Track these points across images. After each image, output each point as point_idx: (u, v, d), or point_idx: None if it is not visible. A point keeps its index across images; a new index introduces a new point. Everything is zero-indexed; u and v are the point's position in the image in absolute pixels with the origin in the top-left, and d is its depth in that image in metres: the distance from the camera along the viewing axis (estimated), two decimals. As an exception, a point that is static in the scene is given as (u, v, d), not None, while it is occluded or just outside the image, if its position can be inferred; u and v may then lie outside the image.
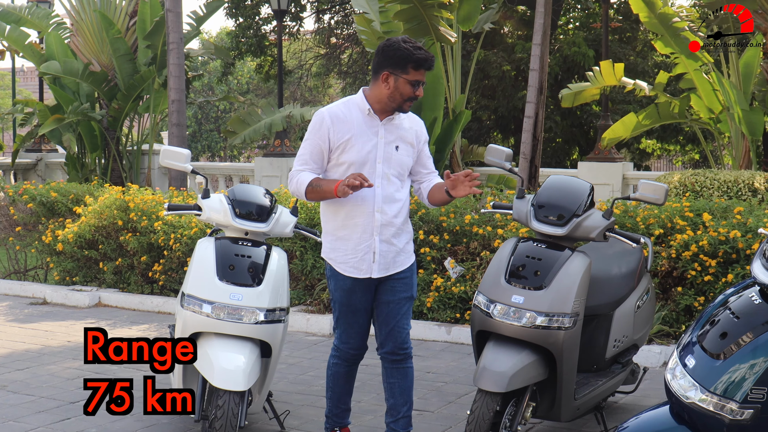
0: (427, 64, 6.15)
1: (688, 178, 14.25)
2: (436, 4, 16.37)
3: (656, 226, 10.08)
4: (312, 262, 11.35)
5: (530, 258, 6.46)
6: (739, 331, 4.58)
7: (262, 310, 6.59)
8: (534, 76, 14.51)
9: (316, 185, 6.19)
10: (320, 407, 7.98)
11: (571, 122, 27.99)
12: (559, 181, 6.90)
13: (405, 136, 6.41)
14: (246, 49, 30.79)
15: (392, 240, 6.37)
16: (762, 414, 4.46)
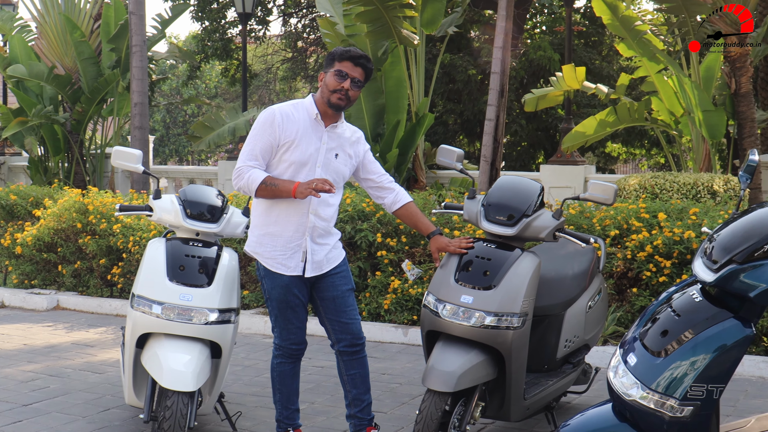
0: (348, 55, 6.35)
1: (647, 180, 14.32)
2: (399, 6, 16.36)
3: (612, 227, 10.15)
4: (270, 264, 11.33)
5: (480, 258, 6.47)
6: (680, 328, 4.61)
7: (213, 310, 6.59)
8: (495, 79, 14.55)
9: (270, 183, 6.22)
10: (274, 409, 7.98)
11: (536, 126, 28.07)
12: (510, 182, 6.92)
13: (345, 146, 6.56)
14: (212, 53, 30.71)
15: (320, 240, 6.50)
16: (701, 411, 4.50)
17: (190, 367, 6.40)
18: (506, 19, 14.60)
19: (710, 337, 4.52)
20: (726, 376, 4.55)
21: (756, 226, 4.70)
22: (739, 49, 15.55)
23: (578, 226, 10.21)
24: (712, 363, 4.49)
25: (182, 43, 53.83)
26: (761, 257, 4.58)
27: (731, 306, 4.62)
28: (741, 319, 4.55)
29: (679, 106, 16.74)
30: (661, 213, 10.17)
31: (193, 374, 6.37)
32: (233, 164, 20.26)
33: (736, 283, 4.56)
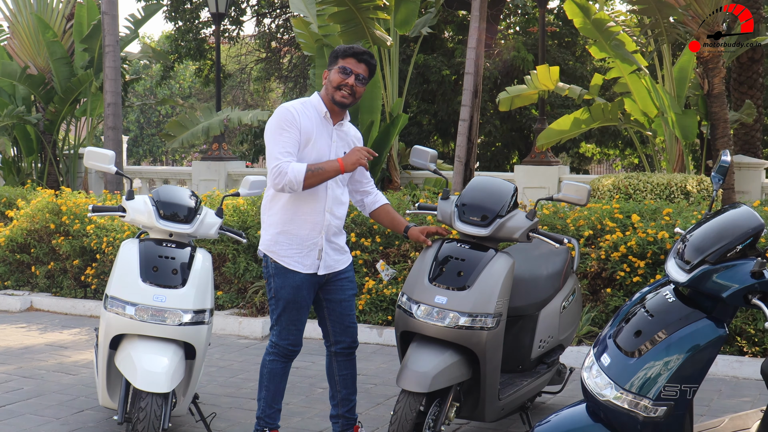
0: (351, 51, 6.38)
1: (621, 181, 14.37)
2: (372, 7, 16.35)
3: (586, 227, 10.17)
4: (245, 265, 11.33)
5: (454, 259, 6.47)
6: (653, 329, 4.64)
7: (186, 311, 6.56)
8: (469, 79, 14.54)
9: (316, 169, 6.20)
10: (248, 409, 8.00)
11: (510, 126, 28.13)
12: (483, 182, 6.92)
13: (350, 145, 6.61)
14: (185, 53, 30.64)
15: (333, 239, 6.55)
16: (675, 411, 4.53)
17: (164, 369, 6.37)
18: (479, 20, 14.58)
19: (683, 337, 4.55)
20: (699, 376, 4.57)
21: (728, 226, 4.73)
22: (712, 50, 15.59)
23: (552, 227, 10.23)
24: (685, 363, 4.51)
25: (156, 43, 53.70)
26: (734, 258, 4.61)
27: (704, 306, 4.65)
28: (714, 320, 4.58)
29: (653, 106, 16.79)
30: (635, 214, 10.20)
31: (167, 375, 6.34)
32: (207, 165, 20.30)
33: (708, 283, 4.60)
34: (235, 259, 11.44)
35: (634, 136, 18.86)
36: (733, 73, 22.09)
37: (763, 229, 4.66)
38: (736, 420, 5.56)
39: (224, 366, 9.56)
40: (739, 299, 4.54)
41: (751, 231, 4.65)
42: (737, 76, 22.04)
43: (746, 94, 21.56)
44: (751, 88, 21.75)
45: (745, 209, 4.82)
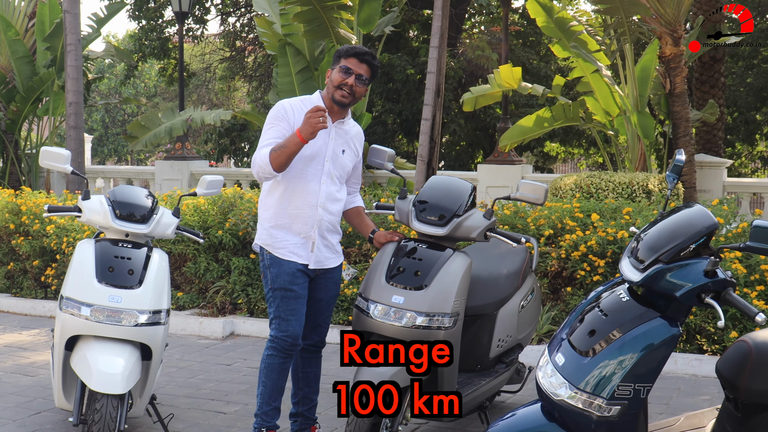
0: (353, 51, 6.40)
1: (583, 180, 14.39)
2: (336, 6, 16.34)
3: (546, 226, 10.19)
4: (205, 265, 11.29)
5: (411, 258, 6.46)
6: (607, 328, 4.64)
7: (142, 312, 6.53)
8: (431, 78, 14.54)
9: (277, 147, 6.16)
10: (207, 410, 7.97)
11: (474, 126, 28.13)
12: (441, 182, 6.92)
13: (351, 143, 6.66)
14: (149, 52, 30.50)
15: (327, 236, 6.58)
16: (629, 410, 4.53)
17: (119, 370, 6.33)
18: (442, 19, 14.58)
19: (637, 336, 4.55)
20: (653, 375, 4.57)
21: (682, 225, 4.73)
22: (674, 49, 15.65)
23: (513, 226, 10.24)
24: (639, 362, 4.51)
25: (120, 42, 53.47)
26: (687, 257, 4.62)
27: (658, 305, 4.65)
28: (668, 319, 4.58)
29: (615, 105, 16.83)
30: (595, 213, 10.23)
31: (122, 377, 6.30)
32: (170, 164, 20.24)
33: (662, 282, 4.60)
34: (195, 259, 11.39)
35: (596, 135, 18.90)
36: (696, 73, 22.22)
37: (716, 228, 4.67)
38: (691, 418, 5.57)
39: (184, 366, 9.51)
40: (693, 298, 4.55)
41: (705, 230, 4.65)
42: (699, 75, 22.17)
43: (708, 94, 21.69)
44: (713, 87, 21.88)
45: (699, 208, 4.82)
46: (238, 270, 11.10)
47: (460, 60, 27.02)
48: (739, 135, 31.72)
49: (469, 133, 28.43)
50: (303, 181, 6.40)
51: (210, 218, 11.34)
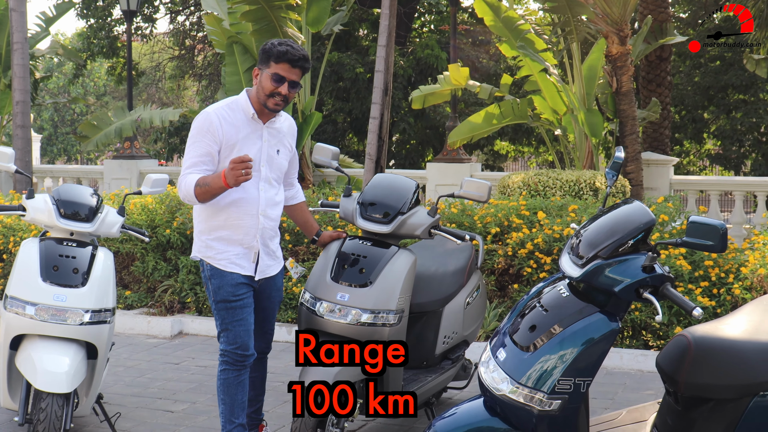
0: (286, 57, 6.00)
1: (531, 178, 14.49)
2: (284, 6, 16.35)
3: (493, 224, 10.26)
4: (153, 264, 11.27)
5: (355, 256, 6.51)
6: (548, 323, 4.70)
7: (87, 311, 6.53)
8: (379, 77, 14.57)
9: (203, 184, 5.92)
10: (155, 409, 7.99)
11: (424, 124, 28.23)
12: (385, 180, 6.97)
13: (285, 140, 6.42)
14: (98, 51, 30.38)
15: (269, 243, 6.37)
16: (570, 404, 4.59)
17: (64, 369, 6.33)
18: (389, 18, 14.61)
19: (577, 331, 4.61)
20: (593, 369, 4.64)
21: (621, 222, 4.80)
22: (620, 48, 15.80)
23: (460, 224, 10.30)
24: (579, 356, 4.57)
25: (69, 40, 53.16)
26: (626, 252, 4.69)
27: (598, 301, 4.72)
28: (607, 314, 4.65)
29: (562, 104, 16.95)
30: (541, 211, 10.32)
31: (67, 375, 6.30)
32: (119, 163, 20.18)
33: (601, 278, 4.67)
34: (143, 258, 11.38)
35: (544, 133, 19.02)
36: (642, 72, 22.38)
37: (653, 224, 4.74)
38: (633, 412, 5.65)
39: (131, 366, 9.50)
40: (631, 293, 4.62)
41: (643, 226, 4.72)
42: (646, 74, 22.33)
43: (655, 92, 21.87)
44: (659, 86, 22.06)
45: (637, 205, 4.89)
46: (186, 269, 11.10)
47: (409, 59, 27.09)
48: (686, 133, 32.00)
49: (420, 131, 28.54)
50: (240, 191, 6.10)
51: (158, 217, 11.32)
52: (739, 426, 4.91)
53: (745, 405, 4.90)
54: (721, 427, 4.96)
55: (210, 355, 9.82)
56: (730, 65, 28.30)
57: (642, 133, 22.52)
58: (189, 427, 7.47)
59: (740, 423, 4.91)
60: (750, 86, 27.86)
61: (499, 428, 4.75)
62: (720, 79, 28.80)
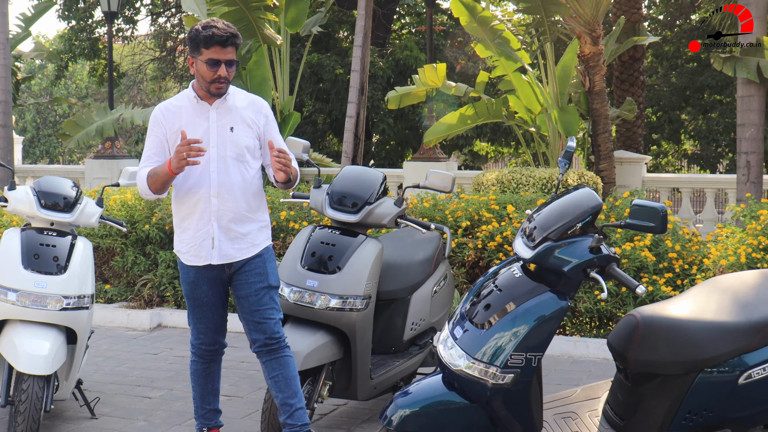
0: (214, 40, 5.88)
1: (505, 175, 14.74)
2: (262, 7, 16.60)
3: (464, 218, 10.52)
4: (132, 258, 11.50)
5: (325, 244, 6.78)
6: (502, 302, 4.98)
7: (67, 297, 6.79)
8: (355, 77, 14.87)
9: (152, 174, 6.00)
10: (133, 396, 8.24)
11: (404, 125, 28.45)
12: (353, 171, 7.25)
13: (241, 117, 6.17)
14: (79, 52, 30.53)
15: (232, 226, 6.13)
16: (521, 378, 4.87)
17: (45, 352, 6.58)
18: (366, 18, 14.93)
19: (528, 309, 4.90)
20: (543, 345, 4.92)
21: (570, 206, 5.08)
22: (593, 48, 16.06)
23: (432, 218, 10.56)
24: (530, 333, 4.85)
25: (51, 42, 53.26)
26: (574, 235, 4.97)
27: (549, 281, 5.00)
28: (557, 293, 4.94)
29: (537, 103, 17.21)
30: (510, 205, 10.59)
31: (47, 358, 6.55)
32: (100, 163, 20.34)
33: (551, 259, 4.95)
34: (123, 253, 11.60)
35: (518, 132, 19.28)
36: (616, 71, 22.70)
37: (600, 208, 5.02)
38: (587, 390, 5.93)
39: (111, 356, 9.73)
40: (579, 273, 4.91)
41: (590, 210, 5.01)
42: (619, 74, 22.66)
43: (628, 92, 22.20)
44: (632, 85, 22.40)
45: (586, 190, 5.18)
46: (165, 263, 11.33)
47: (389, 60, 27.33)
48: (663, 134, 32.30)
49: (399, 132, 28.76)
50: (193, 177, 6.05)
51: (137, 213, 11.55)
52: (685, 400, 5.22)
53: (690, 381, 5.21)
54: (668, 401, 5.27)
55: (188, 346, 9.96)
56: (706, 66, 28.56)
57: (616, 132, 22.86)
58: (166, 412, 7.72)
59: (686, 397, 5.22)
60: (725, 87, 28.13)
61: (456, 402, 5.01)
62: (696, 80, 29.08)
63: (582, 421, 5.64)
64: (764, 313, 5.35)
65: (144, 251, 11.63)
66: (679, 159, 36.00)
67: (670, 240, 10.06)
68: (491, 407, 4.93)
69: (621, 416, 5.48)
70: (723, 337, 5.25)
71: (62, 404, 7.73)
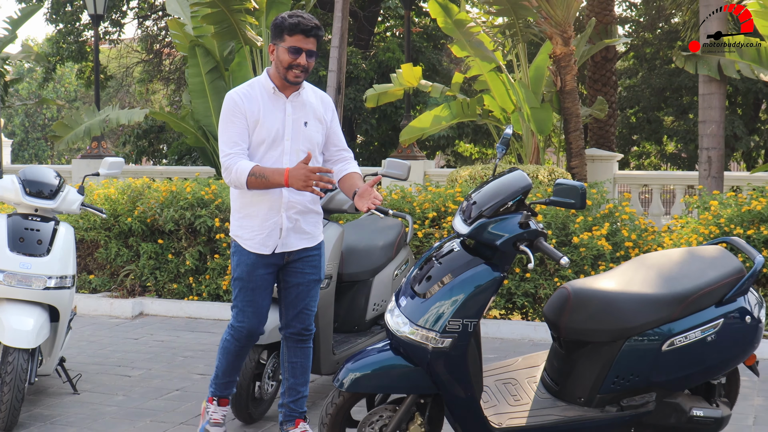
0: (299, 28, 6.02)
1: (478, 171, 15.24)
2: (243, 10, 17.04)
3: (431, 209, 11.00)
4: (116, 250, 11.96)
5: None
6: (441, 274, 5.53)
7: (50, 277, 7.29)
8: (332, 76, 15.37)
9: (259, 175, 5.93)
10: (114, 374, 8.74)
11: (387, 126, 28.90)
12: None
13: (314, 112, 6.31)
14: (67, 55, 30.91)
15: (297, 218, 6.29)
16: (458, 342, 5.41)
17: (29, 327, 7.07)
18: (342, 20, 15.41)
19: (465, 279, 5.44)
20: (479, 312, 5.45)
21: (503, 187, 5.62)
22: (564, 48, 16.58)
23: (400, 209, 11.02)
24: (466, 301, 5.40)
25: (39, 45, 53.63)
26: (506, 212, 5.51)
27: (485, 255, 5.55)
28: (492, 265, 5.48)
29: (510, 102, 17.69)
30: (474, 197, 11.09)
31: (32, 333, 7.04)
32: (87, 162, 20.79)
33: (485, 234, 5.48)
34: (106, 245, 12.06)
35: (493, 131, 19.76)
36: (588, 72, 23.25)
37: (530, 188, 5.55)
38: (528, 359, 6.48)
39: (94, 341, 10.19)
40: (510, 246, 5.44)
41: (521, 189, 5.54)
42: (592, 74, 23.21)
43: (600, 91, 22.76)
44: (604, 85, 22.96)
45: (518, 173, 5.70)
46: (147, 254, 11.79)
47: (371, 62, 27.79)
48: (642, 134, 32.80)
49: (382, 132, 29.23)
50: (266, 165, 6.10)
51: (120, 206, 12.00)
52: (613, 366, 5.80)
53: (618, 348, 5.79)
54: (597, 366, 5.85)
55: (167, 332, 10.55)
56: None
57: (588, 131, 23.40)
58: (144, 388, 8.21)
59: (614, 363, 5.80)
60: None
61: (401, 365, 5.57)
62: (674, 80, 29.55)
63: (521, 386, 6.19)
64: (686, 286, 5.92)
65: (126, 243, 12.07)
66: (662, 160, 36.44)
67: (626, 230, 10.56)
68: (433, 370, 5.47)
69: (556, 381, 6.05)
70: (647, 308, 5.82)
71: (46, 381, 8.25)
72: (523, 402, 6.00)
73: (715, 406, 6.18)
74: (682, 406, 6.01)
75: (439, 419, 5.82)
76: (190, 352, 9.60)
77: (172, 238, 11.76)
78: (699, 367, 5.94)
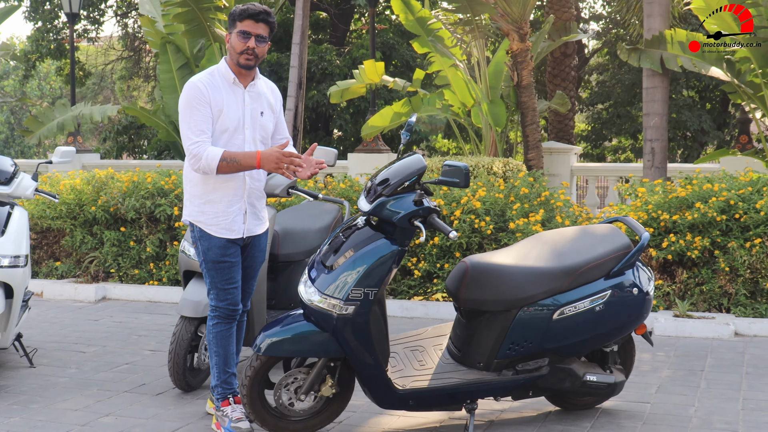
0: (247, 13, 6.29)
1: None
2: (213, 8, 17.52)
3: (377, 198, 11.57)
4: (80, 238, 12.54)
5: None
6: (346, 248, 6.17)
7: (5, 256, 7.88)
8: (294, 72, 15.96)
9: (230, 160, 6.19)
10: (72, 351, 9.33)
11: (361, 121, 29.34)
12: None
13: (267, 102, 6.63)
14: (46, 53, 31.35)
15: (255, 203, 6.60)
16: (361, 309, 6.06)
17: (-16, 303, 7.66)
18: (303, 18, 15.97)
19: (366, 252, 6.08)
20: (379, 282, 6.08)
21: (403, 168, 6.24)
22: (521, 44, 17.10)
23: (348, 198, 11.59)
24: (367, 272, 6.03)
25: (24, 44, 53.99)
26: (403, 191, 6.12)
27: (387, 231, 6.18)
28: (391, 239, 6.11)
29: (470, 97, 18.23)
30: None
31: (-14, 309, 7.65)
32: (64, 156, 21.18)
33: (384, 211, 6.11)
34: (72, 233, 12.64)
35: (453, 125, 20.28)
36: (548, 67, 23.85)
37: (424, 170, 6.16)
38: (436, 329, 7.14)
39: (56, 322, 10.77)
40: (406, 222, 6.06)
41: (416, 171, 6.16)
42: (552, 69, 23.81)
43: (560, 86, 23.37)
44: (564, 80, 23.57)
45: (416, 157, 6.32)
46: (110, 242, 12.40)
47: (345, 58, 28.27)
48: (612, 129, 33.34)
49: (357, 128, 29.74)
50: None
51: (84, 196, 12.54)
52: (509, 333, 6.47)
53: (512, 316, 6.46)
54: (494, 334, 6.51)
55: (127, 315, 11.12)
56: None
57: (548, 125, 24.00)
58: (96, 362, 8.79)
59: (509, 331, 6.46)
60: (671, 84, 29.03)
61: (312, 331, 6.20)
62: (643, 76, 29.98)
63: (427, 353, 6.82)
64: (576, 260, 6.57)
65: (91, 231, 12.67)
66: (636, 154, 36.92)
67: (560, 216, 11.14)
68: (340, 335, 6.11)
69: (459, 348, 6.69)
70: (539, 280, 6.47)
71: (4, 355, 8.84)
72: (427, 367, 6.62)
73: (609, 372, 6.84)
74: (575, 371, 6.66)
75: (350, 381, 6.47)
76: (145, 332, 10.18)
77: (134, 226, 12.36)
78: (589, 335, 6.59)
